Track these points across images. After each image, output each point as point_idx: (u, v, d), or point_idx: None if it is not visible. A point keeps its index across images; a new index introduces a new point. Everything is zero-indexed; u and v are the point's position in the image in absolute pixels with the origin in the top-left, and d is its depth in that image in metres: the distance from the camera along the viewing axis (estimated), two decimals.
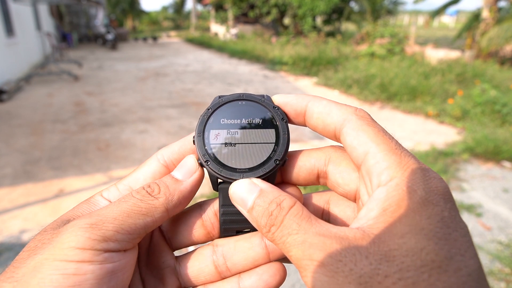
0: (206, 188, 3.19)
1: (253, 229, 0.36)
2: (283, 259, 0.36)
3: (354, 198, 0.34)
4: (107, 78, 9.22)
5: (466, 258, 0.25)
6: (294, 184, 0.37)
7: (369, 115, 0.33)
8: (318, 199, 0.37)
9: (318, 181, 0.36)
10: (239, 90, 7.77)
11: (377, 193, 0.28)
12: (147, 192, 0.32)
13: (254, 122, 0.36)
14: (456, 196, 3.34)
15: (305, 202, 0.37)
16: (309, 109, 0.35)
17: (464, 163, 4.07)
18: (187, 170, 0.35)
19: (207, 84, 8.41)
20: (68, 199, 3.21)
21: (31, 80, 8.61)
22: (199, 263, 0.36)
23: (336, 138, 0.34)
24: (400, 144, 0.31)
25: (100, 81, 8.73)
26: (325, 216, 0.37)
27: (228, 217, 0.36)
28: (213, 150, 0.35)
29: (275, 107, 0.36)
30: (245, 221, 0.35)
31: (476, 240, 2.70)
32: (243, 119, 0.36)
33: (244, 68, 10.98)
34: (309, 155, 0.36)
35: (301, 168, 0.36)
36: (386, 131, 0.31)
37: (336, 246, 0.26)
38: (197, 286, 0.37)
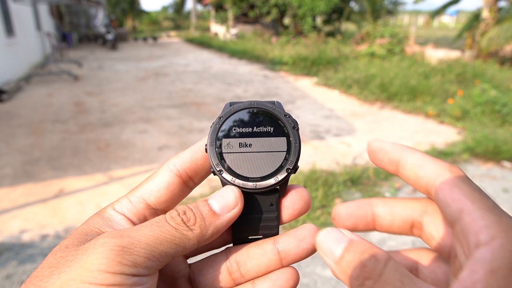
0: (205, 188, 3.19)
1: (265, 236, 0.37)
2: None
3: (448, 255, 0.33)
4: (107, 78, 9.22)
5: None
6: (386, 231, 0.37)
7: (464, 172, 0.32)
8: (405, 258, 0.36)
9: (412, 232, 0.36)
10: (239, 90, 7.77)
11: (480, 253, 0.26)
12: (182, 220, 0.31)
13: (265, 130, 0.36)
14: None
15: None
16: (403, 159, 0.34)
17: (464, 163, 4.07)
18: (226, 204, 0.34)
19: (207, 84, 8.41)
20: (68, 199, 3.21)
21: (31, 80, 8.61)
22: (214, 270, 0.36)
23: (427, 192, 0.33)
24: (497, 204, 0.29)
25: (100, 81, 8.73)
26: None
27: (240, 224, 0.36)
28: (226, 159, 0.35)
29: (286, 115, 0.36)
30: (257, 228, 0.36)
31: None
32: (255, 128, 0.36)
33: (244, 68, 10.98)
34: (405, 204, 0.36)
35: (396, 216, 0.35)
36: (482, 190, 0.30)
37: None
38: None
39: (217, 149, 0.35)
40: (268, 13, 17.32)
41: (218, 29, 21.80)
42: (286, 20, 17.57)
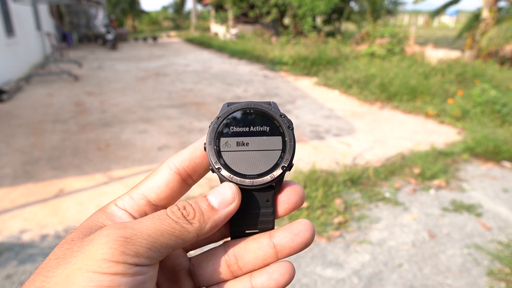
0: (205, 187, 3.19)
1: (262, 230, 0.38)
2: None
3: None
4: (107, 78, 9.22)
5: None
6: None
7: None
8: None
9: None
10: (239, 90, 7.77)
11: None
12: (182, 214, 0.33)
13: (261, 129, 0.38)
14: (456, 196, 3.34)
15: None
16: None
17: (464, 163, 4.07)
18: (224, 200, 0.35)
19: (207, 84, 8.41)
20: (68, 199, 3.21)
21: (31, 80, 8.61)
22: (213, 263, 0.38)
23: None
24: None
25: (100, 81, 8.73)
26: None
27: (238, 219, 0.37)
28: (224, 158, 0.37)
29: (282, 115, 0.38)
30: (254, 223, 0.38)
31: (476, 240, 2.70)
32: (251, 127, 0.38)
33: (244, 68, 10.97)
34: None
35: None
36: None
37: None
38: (211, 285, 0.38)
39: (215, 148, 0.37)
40: (268, 13, 17.31)
41: (218, 29, 21.79)
42: (286, 20, 17.55)
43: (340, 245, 2.62)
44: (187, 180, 0.38)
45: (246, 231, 0.39)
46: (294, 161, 0.37)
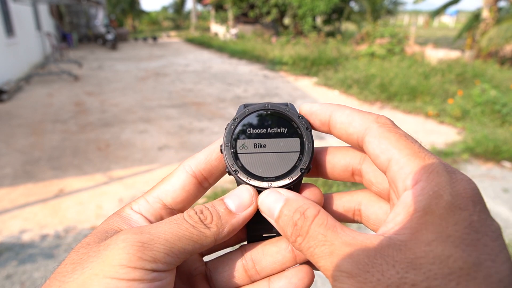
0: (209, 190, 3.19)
1: (279, 234, 0.37)
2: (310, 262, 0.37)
3: (388, 197, 0.34)
4: (107, 78, 9.22)
5: (497, 264, 0.24)
6: (325, 177, 0.38)
7: (391, 121, 0.33)
8: (350, 200, 0.38)
9: (354, 178, 0.37)
10: (239, 90, 7.77)
11: (404, 196, 0.28)
12: (199, 218, 0.32)
13: (279, 131, 0.37)
14: None
15: (337, 201, 0.38)
16: (333, 118, 0.35)
17: (464, 163, 4.07)
18: (242, 203, 0.34)
19: (207, 84, 8.41)
20: (68, 199, 3.21)
21: (31, 80, 8.61)
22: (230, 267, 0.37)
23: (359, 146, 0.34)
24: (423, 147, 0.30)
25: (100, 81, 8.73)
26: (356, 216, 0.38)
27: (255, 222, 0.37)
28: (241, 160, 0.36)
29: (299, 116, 0.37)
30: (271, 226, 0.36)
31: None
32: (269, 129, 0.37)
33: (244, 68, 10.97)
34: (345, 153, 0.37)
35: (336, 165, 0.37)
36: (409, 135, 0.31)
37: (363, 256, 0.26)
38: None
39: (232, 150, 0.36)
40: (268, 13, 17.32)
41: (218, 29, 21.80)
42: (286, 20, 17.56)
43: None
44: (203, 183, 0.37)
45: (264, 235, 0.38)
46: None
